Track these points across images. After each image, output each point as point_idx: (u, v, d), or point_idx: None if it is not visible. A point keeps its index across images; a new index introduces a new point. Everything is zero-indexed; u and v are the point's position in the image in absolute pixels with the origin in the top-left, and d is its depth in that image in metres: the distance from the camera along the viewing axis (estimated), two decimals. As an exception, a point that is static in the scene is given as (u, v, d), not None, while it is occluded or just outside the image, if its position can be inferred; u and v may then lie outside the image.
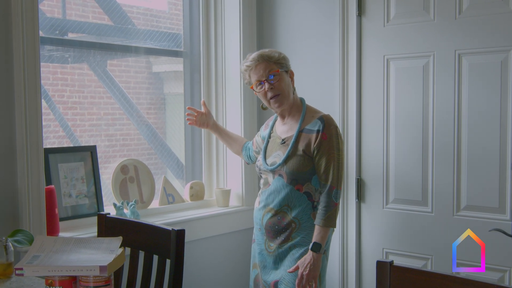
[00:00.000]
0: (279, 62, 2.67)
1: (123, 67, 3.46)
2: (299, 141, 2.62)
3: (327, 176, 2.56)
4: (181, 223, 3.12)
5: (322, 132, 2.58)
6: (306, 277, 2.50)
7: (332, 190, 2.55)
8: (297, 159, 2.59)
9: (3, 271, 2.07)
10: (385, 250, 3.18)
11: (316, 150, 2.57)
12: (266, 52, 2.69)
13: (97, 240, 1.89)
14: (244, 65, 2.71)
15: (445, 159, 2.96)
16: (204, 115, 3.05)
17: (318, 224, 2.55)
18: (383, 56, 3.14)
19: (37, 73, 2.59)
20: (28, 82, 2.55)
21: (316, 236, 2.54)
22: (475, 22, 2.85)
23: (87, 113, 3.22)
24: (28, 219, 2.55)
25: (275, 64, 2.65)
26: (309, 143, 2.59)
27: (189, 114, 3.07)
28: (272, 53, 2.68)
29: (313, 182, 2.60)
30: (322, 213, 2.54)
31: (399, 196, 3.12)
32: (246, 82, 2.77)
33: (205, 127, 3.08)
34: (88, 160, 3.03)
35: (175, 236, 2.19)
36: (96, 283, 1.68)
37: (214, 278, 3.45)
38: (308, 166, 2.59)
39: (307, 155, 2.59)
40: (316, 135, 2.59)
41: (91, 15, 3.23)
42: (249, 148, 3.01)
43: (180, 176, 3.66)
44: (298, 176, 2.59)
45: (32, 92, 2.57)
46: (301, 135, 2.64)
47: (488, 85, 2.83)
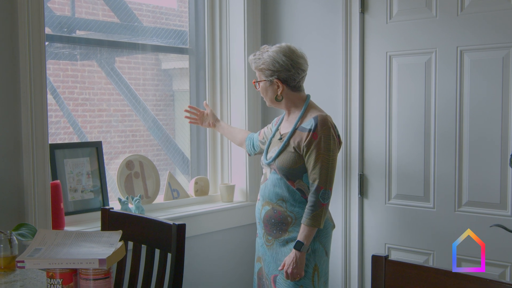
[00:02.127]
0: (259, 69, 2.70)
1: (132, 64, 3.50)
2: (293, 138, 2.64)
3: (315, 176, 2.55)
4: (185, 218, 3.16)
5: (313, 132, 2.57)
6: (290, 275, 2.54)
7: (319, 190, 2.54)
8: (288, 156, 2.61)
9: (7, 264, 2.12)
10: (387, 245, 3.20)
11: (305, 149, 2.58)
12: (252, 57, 2.73)
13: (98, 234, 1.93)
14: None
15: (447, 155, 2.98)
16: (207, 116, 3.12)
17: (303, 223, 2.55)
18: (385, 52, 3.15)
19: (43, 69, 2.62)
20: (33, 78, 2.58)
21: (300, 235, 2.55)
22: (477, 18, 2.86)
23: (97, 109, 3.27)
24: (34, 213, 2.58)
25: (258, 71, 2.72)
26: (300, 141, 2.60)
27: (189, 112, 3.14)
28: (256, 60, 2.71)
29: (305, 180, 2.61)
30: (308, 212, 2.55)
31: (401, 192, 3.14)
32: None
33: (208, 126, 3.18)
34: (94, 156, 3.07)
35: (176, 231, 2.23)
36: (95, 276, 1.70)
37: (218, 272, 3.49)
38: (298, 163, 2.60)
39: (297, 152, 2.60)
40: (307, 133, 2.59)
41: (101, 13, 3.27)
42: (254, 138, 3.03)
43: (186, 171, 3.70)
44: (287, 172, 2.61)
45: (37, 88, 2.60)
46: (296, 132, 2.66)
47: (489, 82, 2.84)
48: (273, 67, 2.64)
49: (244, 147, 3.11)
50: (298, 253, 2.54)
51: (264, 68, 2.67)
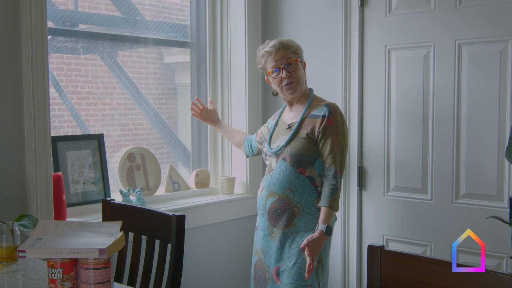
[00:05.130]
0: (297, 52, 2.74)
1: (135, 58, 3.52)
2: (304, 126, 2.68)
3: (332, 160, 2.59)
4: (186, 210, 3.19)
5: (328, 117, 2.63)
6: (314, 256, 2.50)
7: (337, 174, 2.59)
8: (301, 142, 2.64)
9: (9, 254, 2.14)
10: (386, 236, 3.23)
11: (321, 134, 2.62)
12: (286, 41, 2.74)
13: (98, 224, 1.94)
14: (263, 51, 2.76)
15: (444, 148, 3.00)
16: (209, 112, 3.16)
17: (325, 206, 2.56)
18: (384, 46, 3.17)
19: (45, 62, 2.64)
20: (36, 71, 2.60)
21: (325, 219, 2.55)
22: (475, 12, 2.88)
23: (100, 103, 3.30)
24: (36, 204, 2.62)
25: (293, 54, 2.72)
26: (313, 128, 2.64)
27: (194, 104, 3.17)
28: (291, 43, 2.74)
29: (316, 167, 2.64)
30: (329, 195, 2.56)
31: (399, 184, 3.17)
32: (259, 67, 2.82)
33: (209, 122, 3.22)
34: (95, 148, 3.11)
35: (175, 221, 2.26)
36: (96, 265, 1.72)
37: (218, 264, 3.52)
38: (311, 149, 2.63)
39: (311, 138, 2.63)
40: (321, 120, 2.63)
41: (103, 7, 3.29)
42: (251, 139, 3.07)
43: (187, 164, 3.73)
44: (301, 159, 2.63)
45: (40, 80, 2.62)
46: (306, 120, 2.69)
47: (487, 75, 2.86)
48: (301, 52, 2.79)
49: (242, 149, 3.13)
50: (325, 237, 2.54)
51: (299, 48, 2.76)
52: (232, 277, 3.60)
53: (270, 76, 2.75)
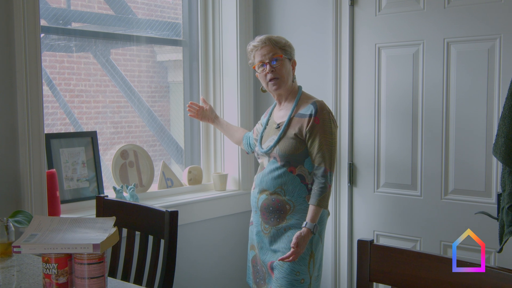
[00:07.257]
0: (284, 49, 2.76)
1: (128, 56, 3.54)
2: (292, 125, 2.70)
3: (321, 159, 2.62)
4: (179, 206, 3.21)
5: (315, 116, 2.65)
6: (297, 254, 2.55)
7: (327, 172, 2.61)
8: (289, 142, 2.67)
9: (4, 250, 2.16)
10: (376, 232, 3.27)
11: (308, 134, 2.64)
12: (274, 37, 2.77)
13: (92, 220, 1.96)
14: (251, 45, 2.80)
15: (434, 145, 3.04)
16: (206, 111, 3.17)
17: (313, 204, 2.60)
18: (374, 44, 3.21)
19: (38, 59, 2.65)
20: (29, 68, 2.62)
21: (313, 217, 2.58)
22: (463, 11, 2.92)
23: (93, 100, 3.31)
24: (30, 201, 2.63)
25: (280, 50, 2.74)
26: (301, 127, 2.66)
27: (190, 106, 3.19)
28: (279, 39, 2.77)
29: (306, 165, 2.67)
30: (318, 194, 2.60)
31: (389, 180, 3.21)
32: (249, 62, 2.85)
33: (207, 121, 3.23)
34: (89, 145, 3.13)
35: (168, 217, 2.29)
36: (90, 260, 1.73)
37: (211, 259, 3.55)
38: (300, 149, 2.66)
39: (299, 138, 2.66)
40: (308, 119, 2.66)
41: (96, 5, 3.31)
42: (249, 136, 3.09)
43: (180, 161, 3.76)
44: (290, 158, 2.66)
45: (33, 78, 2.63)
46: (293, 120, 2.71)
47: (475, 73, 2.90)
48: (291, 50, 2.79)
49: (242, 146, 3.16)
50: (310, 234, 2.58)
51: (287, 45, 2.78)
52: (224, 272, 3.63)
53: (256, 70, 2.79)
